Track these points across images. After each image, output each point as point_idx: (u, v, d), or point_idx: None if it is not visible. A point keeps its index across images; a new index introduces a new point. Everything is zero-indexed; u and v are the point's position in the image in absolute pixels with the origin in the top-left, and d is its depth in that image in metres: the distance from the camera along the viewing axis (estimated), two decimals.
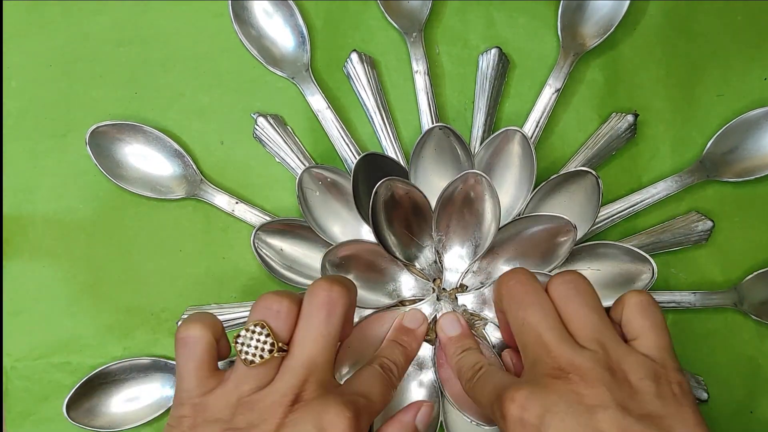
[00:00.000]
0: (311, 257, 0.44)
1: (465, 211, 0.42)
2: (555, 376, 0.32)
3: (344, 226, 0.44)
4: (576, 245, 0.42)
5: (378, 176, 0.40)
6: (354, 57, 0.45)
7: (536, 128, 0.45)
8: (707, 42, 0.47)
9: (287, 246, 0.44)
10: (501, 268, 0.44)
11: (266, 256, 0.43)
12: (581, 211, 0.42)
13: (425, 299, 0.44)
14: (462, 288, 0.44)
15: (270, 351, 0.32)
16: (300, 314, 0.33)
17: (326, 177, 0.43)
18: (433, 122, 0.45)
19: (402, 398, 0.43)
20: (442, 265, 0.44)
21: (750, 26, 0.46)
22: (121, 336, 0.45)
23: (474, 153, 0.44)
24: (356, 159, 0.41)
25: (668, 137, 0.46)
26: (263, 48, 0.46)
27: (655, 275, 0.41)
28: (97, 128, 0.44)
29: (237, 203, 0.45)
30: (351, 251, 0.42)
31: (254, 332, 0.32)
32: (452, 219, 0.43)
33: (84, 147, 0.44)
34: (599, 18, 0.46)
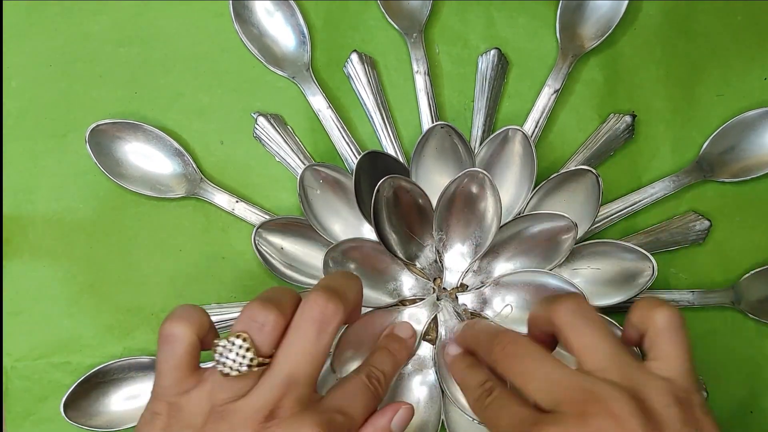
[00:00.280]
0: (312, 256, 0.44)
1: (466, 210, 0.42)
2: (581, 414, 0.30)
3: (345, 225, 0.44)
4: (576, 244, 0.42)
5: (379, 175, 0.40)
6: (354, 57, 0.46)
7: (536, 128, 0.45)
8: (707, 42, 0.47)
9: (288, 244, 0.44)
10: (501, 267, 0.44)
11: (267, 254, 0.43)
12: (582, 210, 0.42)
13: (425, 299, 0.44)
14: (462, 287, 0.44)
15: (249, 366, 0.30)
16: (290, 324, 0.32)
17: (328, 175, 0.43)
18: (433, 122, 0.45)
19: (402, 398, 0.43)
20: (443, 265, 0.44)
21: (750, 26, 0.47)
22: (121, 336, 0.45)
23: (474, 152, 0.44)
24: (357, 158, 0.41)
25: (668, 137, 0.46)
26: (264, 47, 0.46)
27: (655, 273, 0.41)
28: (97, 126, 0.44)
29: (237, 202, 0.45)
30: (353, 250, 0.42)
31: (234, 344, 0.30)
32: (453, 217, 0.43)
33: (84, 147, 0.44)
34: (598, 18, 0.46)
